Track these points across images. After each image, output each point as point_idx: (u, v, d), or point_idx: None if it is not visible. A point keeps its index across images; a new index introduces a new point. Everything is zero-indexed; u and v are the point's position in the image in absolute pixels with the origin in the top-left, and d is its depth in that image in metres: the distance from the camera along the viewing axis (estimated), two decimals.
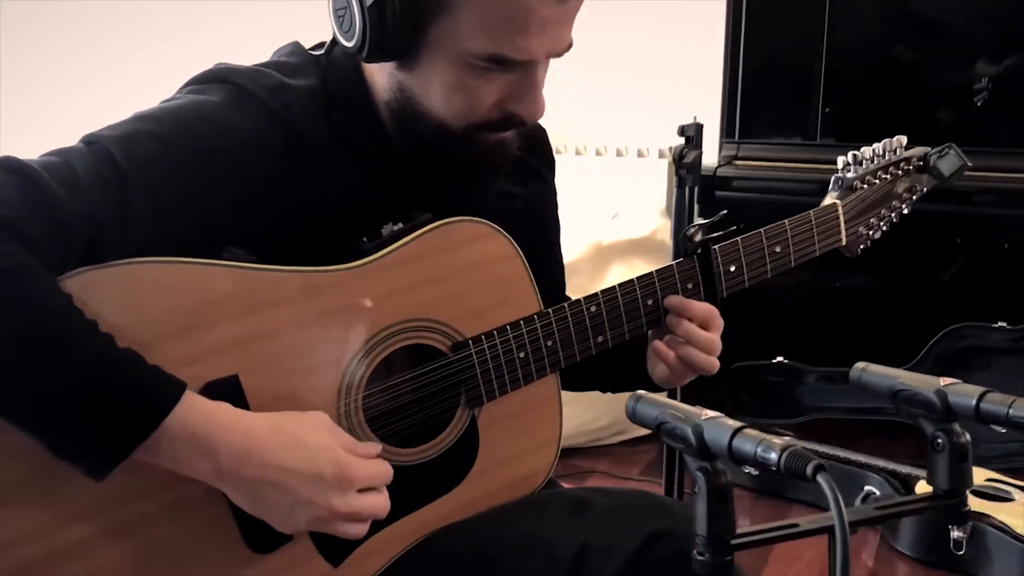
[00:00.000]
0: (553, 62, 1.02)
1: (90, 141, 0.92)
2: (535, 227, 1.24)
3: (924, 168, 1.36)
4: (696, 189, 1.96)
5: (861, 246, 1.33)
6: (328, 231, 1.02)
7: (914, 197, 1.36)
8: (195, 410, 0.87)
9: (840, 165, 1.31)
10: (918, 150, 1.37)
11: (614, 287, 1.13)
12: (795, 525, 0.68)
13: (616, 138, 3.82)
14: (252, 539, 0.97)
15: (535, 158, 1.24)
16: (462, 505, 1.08)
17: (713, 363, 1.14)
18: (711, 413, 0.66)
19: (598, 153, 3.83)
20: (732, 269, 1.19)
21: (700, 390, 3.35)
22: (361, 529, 0.95)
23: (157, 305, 0.91)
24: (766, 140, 3.36)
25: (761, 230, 1.21)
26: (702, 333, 1.13)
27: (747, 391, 3.09)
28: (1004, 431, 0.71)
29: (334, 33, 1.01)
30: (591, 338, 1.12)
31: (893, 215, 1.35)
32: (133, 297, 0.90)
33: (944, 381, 0.73)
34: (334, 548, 1.01)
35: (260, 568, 0.98)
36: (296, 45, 1.09)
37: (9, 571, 0.87)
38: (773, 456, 0.61)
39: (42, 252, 0.84)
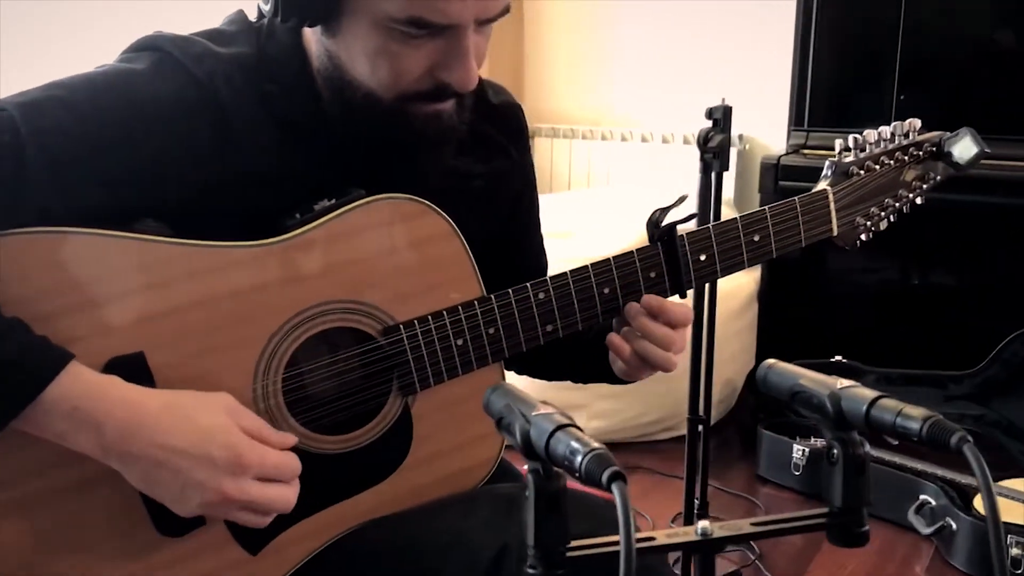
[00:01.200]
0: (620, 50, 0.95)
1: (1, 107, 0.90)
2: (499, 206, 1.18)
3: (938, 154, 1.25)
4: (723, 175, 1.86)
5: (862, 237, 1.23)
6: (254, 205, 0.98)
7: (925, 186, 1.25)
8: (79, 383, 0.84)
9: (837, 149, 1.20)
10: (932, 135, 1.25)
11: (565, 273, 1.06)
12: (651, 539, 0.61)
13: (684, 125, 3.70)
14: (161, 521, 0.94)
15: (503, 135, 1.18)
16: (394, 498, 1.03)
17: (670, 360, 1.06)
18: (545, 408, 0.59)
19: (664, 140, 3.72)
20: (703, 258, 1.11)
21: (750, 390, 3.24)
22: (260, 520, 0.91)
23: (58, 276, 0.89)
24: (837, 129, 3.19)
25: (737, 217, 1.12)
26: (660, 328, 1.05)
27: None
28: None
29: None
30: (539, 327, 1.05)
31: (900, 204, 1.24)
32: (32, 267, 0.88)
33: (841, 383, 0.64)
34: (251, 536, 0.97)
35: (170, 552, 0.95)
36: (239, 13, 1.05)
37: None
38: (578, 460, 0.53)
39: None
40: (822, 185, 1.17)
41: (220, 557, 0.97)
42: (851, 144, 1.21)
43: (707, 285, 1.97)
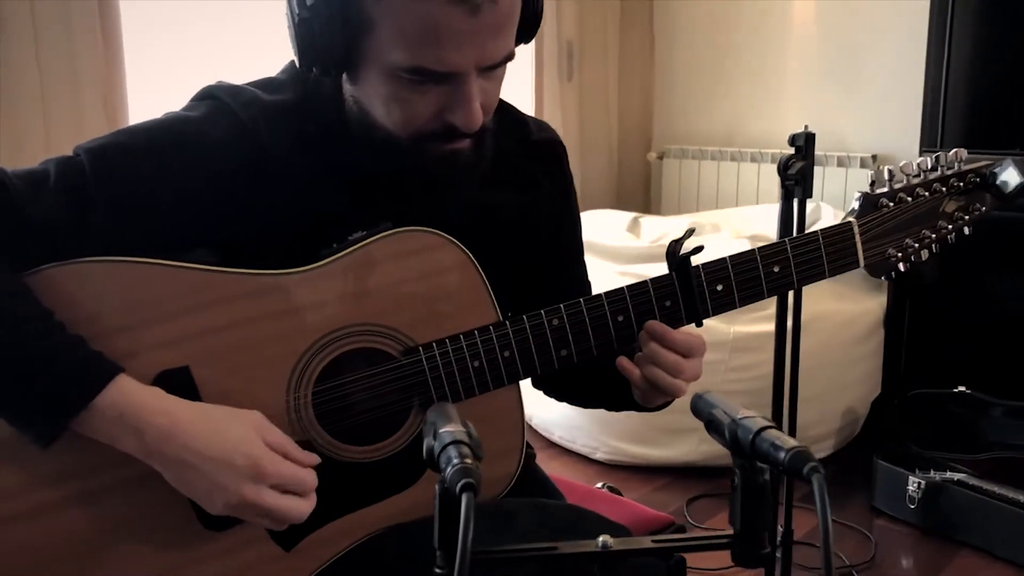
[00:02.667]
0: (750, 71, 1.00)
1: (76, 152, 1.05)
2: (533, 236, 1.24)
3: (983, 185, 1.24)
4: (806, 202, 1.86)
5: (899, 267, 1.22)
6: (293, 236, 1.09)
7: (967, 217, 1.23)
8: (126, 393, 0.97)
9: (868, 180, 1.21)
10: (976, 165, 1.24)
11: (579, 301, 1.12)
12: (554, 548, 0.67)
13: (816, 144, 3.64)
14: (205, 516, 1.05)
15: (538, 169, 1.25)
16: (415, 506, 1.11)
17: (678, 386, 1.10)
18: (453, 426, 0.66)
19: None
20: (719, 288, 1.14)
21: (875, 418, 3.14)
22: (276, 527, 1.02)
23: (116, 299, 1.02)
24: (973, 150, 3.05)
25: (755, 248, 1.15)
26: (669, 354, 1.10)
27: (924, 421, 2.85)
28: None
29: None
30: (553, 351, 1.12)
31: (940, 236, 1.23)
32: (94, 291, 1.01)
33: (744, 413, 0.67)
34: (285, 533, 1.08)
35: (213, 545, 1.07)
36: (291, 63, 1.17)
37: None
38: (448, 471, 0.60)
39: (2, 247, 0.97)
40: (849, 217, 1.19)
41: (257, 552, 1.08)
42: (887, 175, 1.21)
43: (791, 310, 1.97)
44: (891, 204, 1.19)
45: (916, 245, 1.21)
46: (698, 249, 1.11)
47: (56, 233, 1.00)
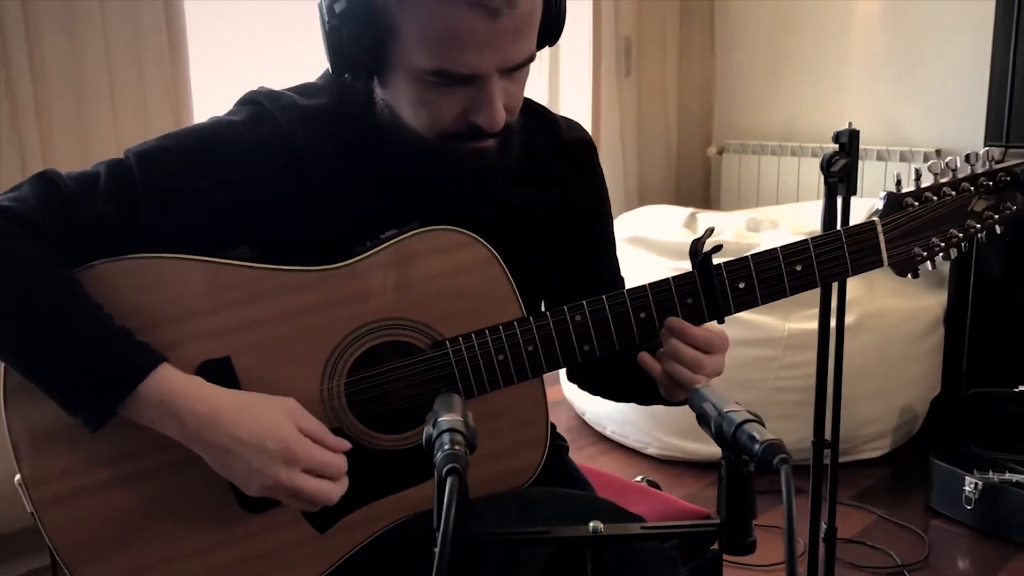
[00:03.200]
0: (811, 64, 1.01)
1: (126, 155, 1.12)
2: (561, 232, 1.28)
3: (1014, 184, 1.23)
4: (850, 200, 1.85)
5: (927, 266, 1.23)
6: (328, 235, 1.14)
7: (997, 216, 1.23)
8: (167, 381, 1.04)
9: (895, 180, 1.22)
10: (1008, 164, 1.24)
11: (602, 298, 1.15)
12: (546, 531, 0.70)
13: (877, 137, 3.60)
14: (243, 499, 1.12)
15: (567, 168, 1.28)
16: None
17: (698, 381, 1.13)
18: (451, 415, 0.70)
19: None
20: (742, 286, 1.16)
21: (934, 417, 3.10)
22: (308, 508, 1.07)
23: (161, 293, 1.09)
24: None
25: (777, 247, 1.16)
26: (688, 350, 1.13)
27: (984, 420, 2.81)
28: None
29: None
30: (576, 346, 1.15)
31: (967, 235, 1.23)
32: (141, 286, 1.08)
33: (731, 407, 0.70)
34: (319, 516, 1.14)
35: (250, 526, 1.13)
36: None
37: (47, 500, 1.09)
38: (438, 456, 0.64)
39: (54, 243, 1.04)
40: (873, 216, 1.20)
41: (292, 533, 1.14)
42: (913, 175, 1.22)
43: (834, 306, 1.97)
44: (916, 203, 1.19)
45: (943, 244, 1.21)
46: (718, 248, 1.14)
47: (106, 231, 1.07)
